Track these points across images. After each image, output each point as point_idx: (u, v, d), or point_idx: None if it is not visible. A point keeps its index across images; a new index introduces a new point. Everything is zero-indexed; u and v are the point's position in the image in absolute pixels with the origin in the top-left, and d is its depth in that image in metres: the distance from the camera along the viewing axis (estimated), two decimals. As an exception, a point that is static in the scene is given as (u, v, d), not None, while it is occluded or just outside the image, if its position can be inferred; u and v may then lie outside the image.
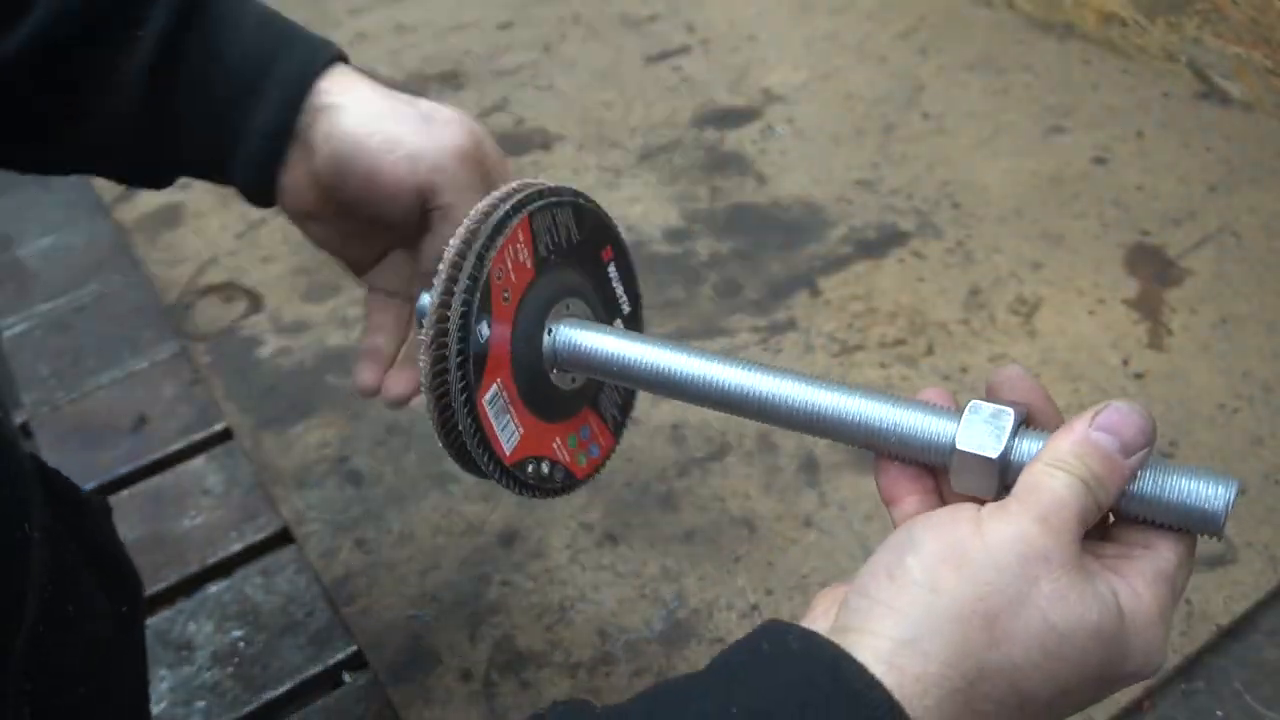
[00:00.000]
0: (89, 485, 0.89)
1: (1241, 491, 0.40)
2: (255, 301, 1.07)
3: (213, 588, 0.82)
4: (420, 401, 0.91)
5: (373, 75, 0.56)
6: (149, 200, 1.21)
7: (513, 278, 0.49)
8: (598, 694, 0.72)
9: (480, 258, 0.47)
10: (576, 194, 0.53)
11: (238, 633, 0.78)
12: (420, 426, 0.92)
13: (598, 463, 0.56)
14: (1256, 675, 0.70)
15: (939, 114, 1.24)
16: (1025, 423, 0.43)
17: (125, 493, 0.89)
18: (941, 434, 0.43)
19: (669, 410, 0.90)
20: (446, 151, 0.52)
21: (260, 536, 0.85)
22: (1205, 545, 0.77)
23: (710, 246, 1.08)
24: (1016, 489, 0.39)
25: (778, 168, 1.18)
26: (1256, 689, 0.70)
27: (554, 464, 0.53)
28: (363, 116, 0.52)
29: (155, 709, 0.74)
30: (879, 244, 1.06)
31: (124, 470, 0.91)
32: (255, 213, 1.18)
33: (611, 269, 0.56)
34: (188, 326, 1.04)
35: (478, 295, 0.47)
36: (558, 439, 0.53)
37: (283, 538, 0.85)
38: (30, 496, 0.45)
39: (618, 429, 0.58)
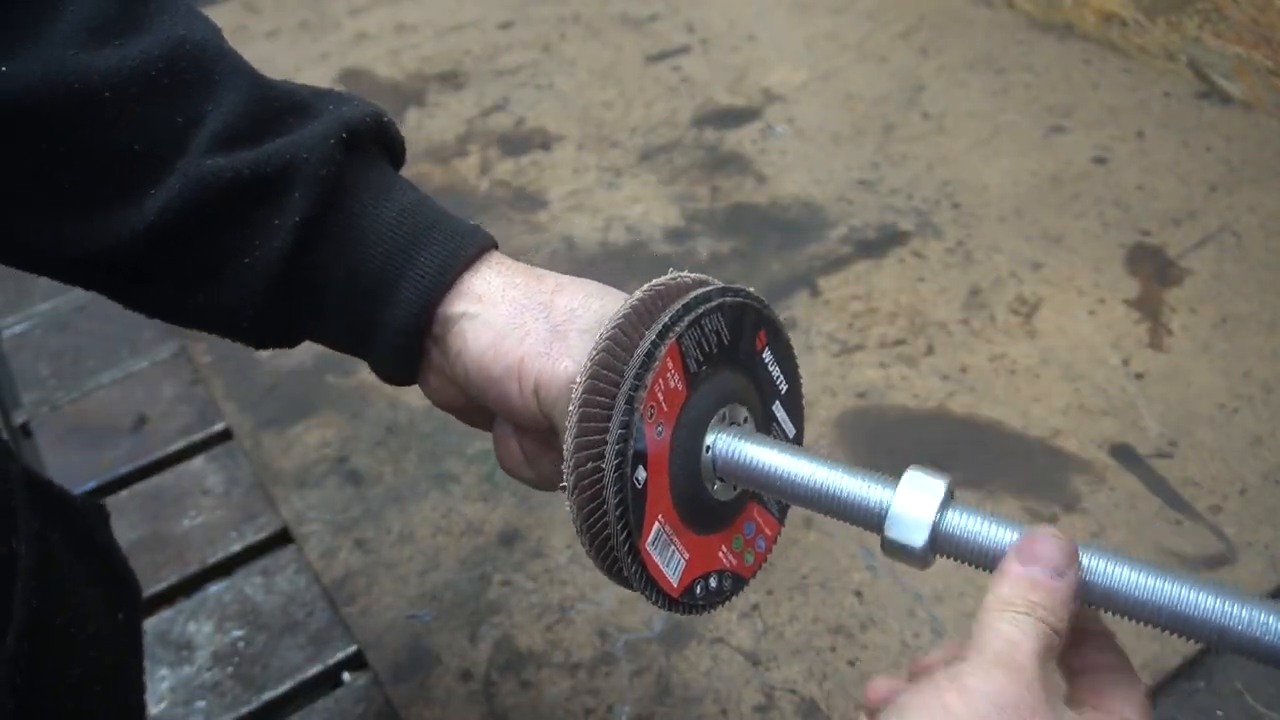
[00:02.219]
0: (89, 485, 0.89)
1: (1241, 492, 0.40)
2: (255, 301, 1.07)
3: (213, 588, 0.82)
4: (420, 402, 0.91)
5: (514, 264, 0.52)
6: (149, 200, 1.21)
7: (664, 408, 0.45)
8: (598, 694, 0.72)
9: (629, 402, 0.44)
10: (723, 292, 0.49)
11: (238, 633, 0.78)
12: (420, 426, 0.92)
13: (764, 556, 0.52)
14: (1257, 675, 0.70)
15: (939, 114, 1.24)
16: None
17: (125, 493, 0.89)
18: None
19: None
20: (569, 381, 0.48)
21: (260, 536, 0.85)
22: (1206, 545, 0.77)
23: (710, 246, 1.08)
24: (974, 639, 0.40)
25: (778, 167, 1.18)
26: (1257, 689, 0.70)
27: (721, 574, 0.50)
28: (489, 338, 0.49)
29: (155, 709, 0.74)
30: (879, 244, 1.06)
31: (124, 470, 0.91)
32: (255, 213, 1.18)
33: (766, 354, 0.52)
34: (188, 326, 1.04)
35: (631, 444, 0.43)
36: (723, 547, 0.50)
37: (283, 538, 0.85)
38: (16, 509, 0.45)
39: (783, 513, 0.54)
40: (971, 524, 0.43)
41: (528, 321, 0.49)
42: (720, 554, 0.49)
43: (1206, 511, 0.79)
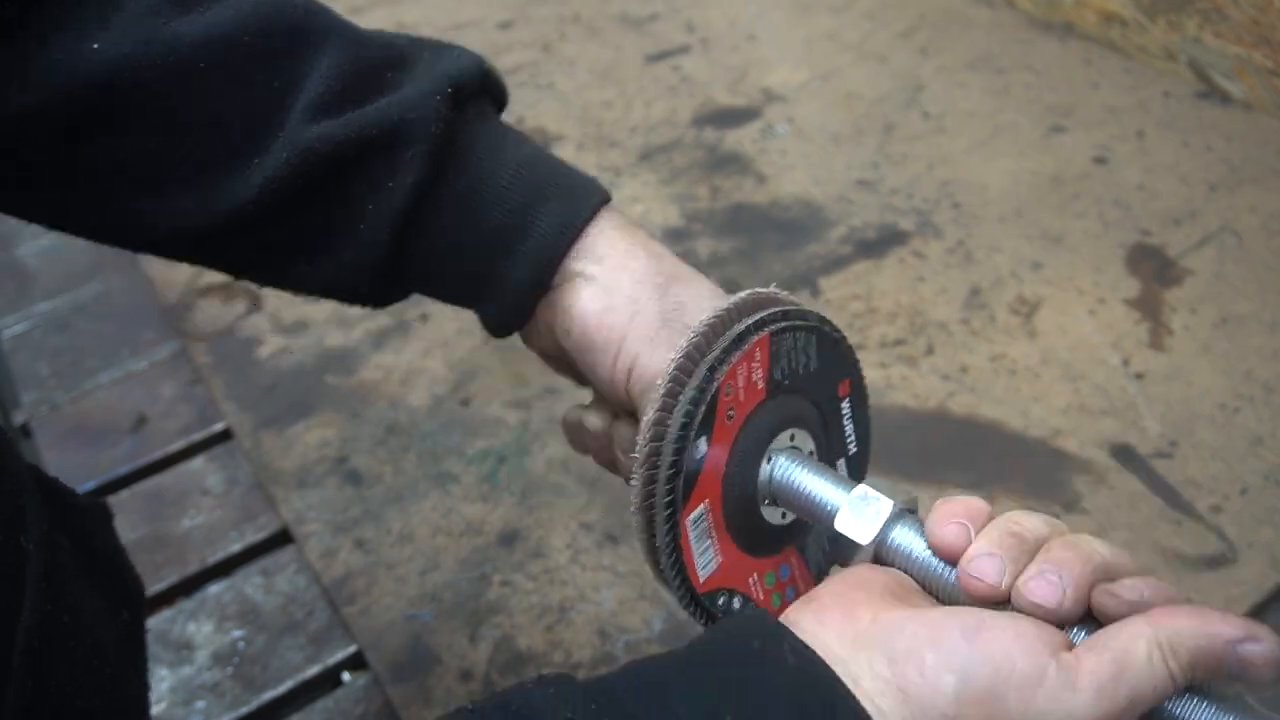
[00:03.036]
0: (89, 485, 0.89)
1: (1242, 492, 0.41)
2: (255, 301, 1.07)
3: (213, 588, 0.82)
4: (420, 402, 0.91)
5: (633, 228, 0.51)
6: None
7: (741, 396, 0.45)
8: (598, 694, 0.72)
9: (711, 370, 0.44)
10: (822, 320, 0.49)
11: (238, 633, 0.78)
12: (420, 426, 0.92)
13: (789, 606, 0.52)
14: (1257, 675, 0.70)
15: (939, 114, 1.24)
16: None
17: (125, 493, 0.89)
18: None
19: (669, 410, 0.90)
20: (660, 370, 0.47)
21: (260, 536, 0.85)
22: (1206, 545, 0.77)
23: (710, 246, 1.08)
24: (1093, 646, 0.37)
25: (778, 167, 1.18)
26: (1257, 689, 0.70)
27: (746, 600, 0.49)
28: (600, 305, 0.48)
29: (155, 709, 0.73)
30: (879, 244, 1.06)
31: (124, 470, 0.91)
32: (255, 212, 1.18)
33: (845, 405, 0.51)
34: (187, 326, 1.04)
35: (701, 409, 0.44)
36: (755, 574, 0.49)
37: (283, 538, 0.85)
38: (26, 507, 0.45)
39: (820, 574, 0.53)
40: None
41: (641, 300, 0.48)
42: (751, 580, 0.49)
43: (1207, 511, 0.79)
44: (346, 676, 0.76)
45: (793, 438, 0.48)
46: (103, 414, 0.97)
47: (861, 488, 0.44)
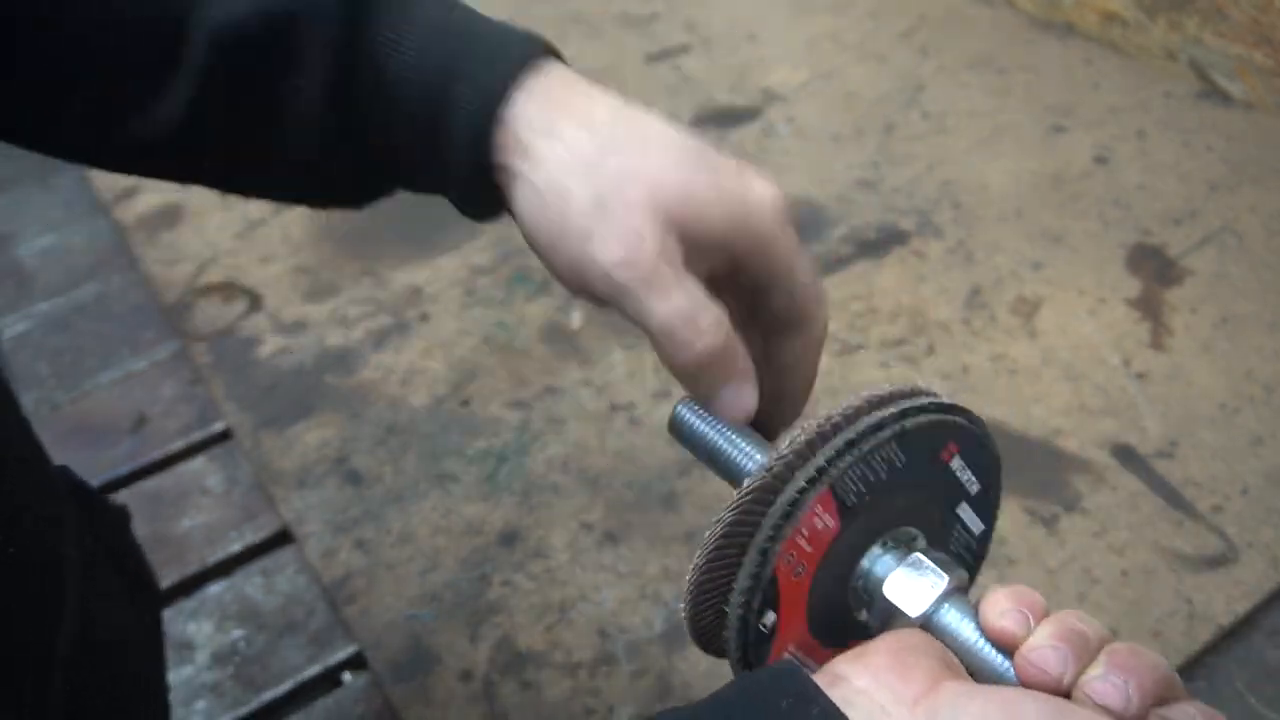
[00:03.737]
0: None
1: (1242, 492, 0.40)
2: (255, 301, 1.07)
3: (213, 588, 0.82)
4: (420, 402, 0.91)
5: (558, 94, 0.44)
6: (149, 200, 1.21)
7: (807, 549, 0.40)
8: (598, 694, 0.72)
9: (764, 553, 0.39)
10: (903, 415, 0.41)
11: (238, 633, 0.78)
12: (420, 426, 0.92)
13: None
14: (1258, 675, 0.70)
15: (939, 113, 1.23)
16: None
17: (125, 493, 0.89)
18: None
19: (669, 410, 0.90)
20: (614, 263, 0.41)
21: (260, 536, 0.85)
22: (1207, 545, 0.77)
23: (710, 246, 1.08)
24: None
25: (778, 167, 1.18)
26: (1258, 689, 0.70)
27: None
28: (533, 201, 0.43)
29: (155, 709, 0.74)
30: (879, 243, 1.06)
31: (124, 470, 0.91)
32: (255, 213, 1.18)
33: (955, 462, 0.45)
34: (187, 326, 1.04)
35: (759, 595, 0.39)
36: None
37: (283, 538, 0.85)
38: (64, 513, 0.44)
39: None
40: None
41: (573, 179, 0.42)
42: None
43: (1207, 511, 0.79)
44: (346, 676, 0.76)
45: (885, 543, 0.42)
46: (103, 414, 0.97)
47: (916, 556, 0.41)
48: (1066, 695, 0.36)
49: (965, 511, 0.48)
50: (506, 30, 0.46)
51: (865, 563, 0.42)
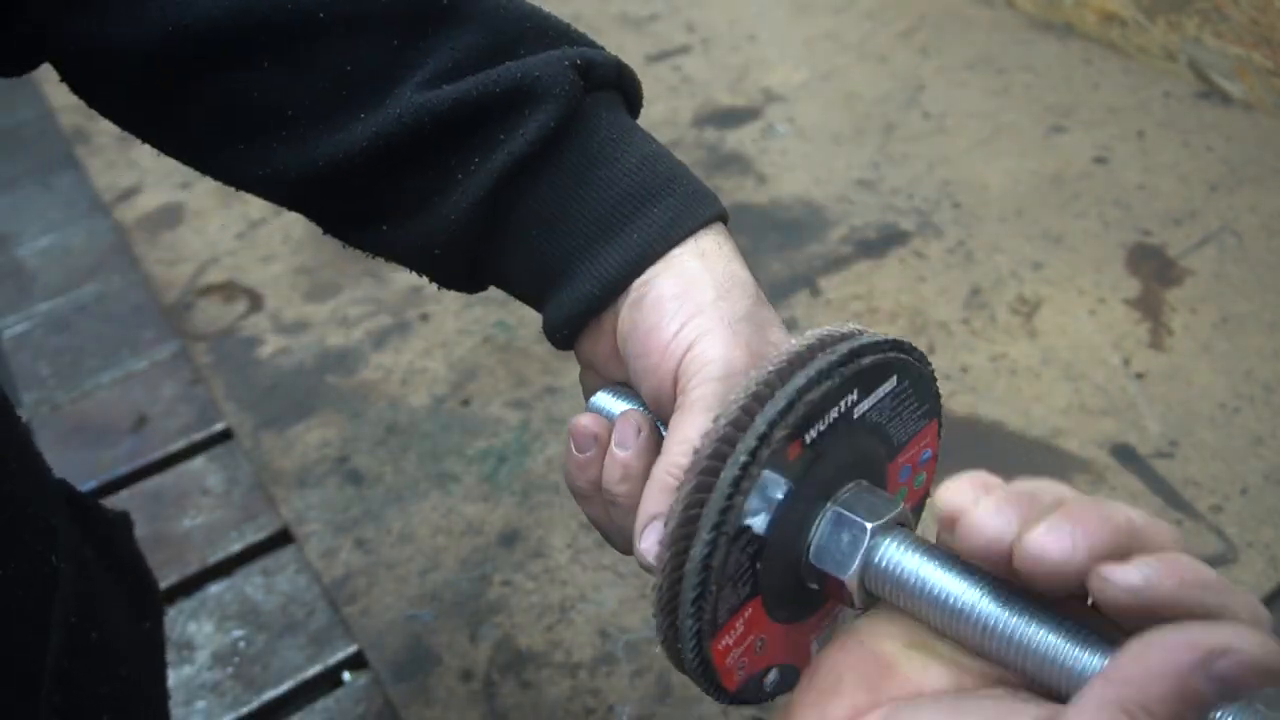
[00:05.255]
0: (89, 485, 0.89)
1: (1242, 491, 0.38)
2: (255, 301, 1.07)
3: (213, 588, 0.82)
4: (420, 402, 0.90)
5: (723, 252, 0.46)
6: (149, 200, 1.21)
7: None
8: (599, 694, 0.72)
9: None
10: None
11: (238, 633, 0.78)
12: (420, 426, 0.92)
13: None
14: (1257, 675, 0.70)
15: (939, 114, 1.24)
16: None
17: (125, 493, 0.89)
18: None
19: (669, 410, 0.90)
20: (716, 364, 0.43)
21: (260, 536, 0.85)
22: (1206, 545, 0.77)
23: (710, 246, 1.08)
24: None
25: (778, 167, 1.18)
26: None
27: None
28: (675, 288, 0.45)
29: (155, 709, 0.74)
30: (879, 244, 1.06)
31: (124, 470, 0.91)
32: (255, 212, 1.18)
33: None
34: (188, 326, 1.04)
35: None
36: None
37: (283, 538, 0.85)
38: (58, 525, 0.44)
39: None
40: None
41: (720, 305, 0.44)
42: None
43: (1207, 511, 0.79)
44: (347, 676, 0.76)
45: (826, 511, 0.40)
46: (103, 414, 0.97)
47: (835, 510, 0.39)
48: (1009, 559, 0.32)
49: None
50: (702, 184, 0.47)
51: (812, 532, 0.40)
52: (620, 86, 0.48)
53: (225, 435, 0.94)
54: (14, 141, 1.36)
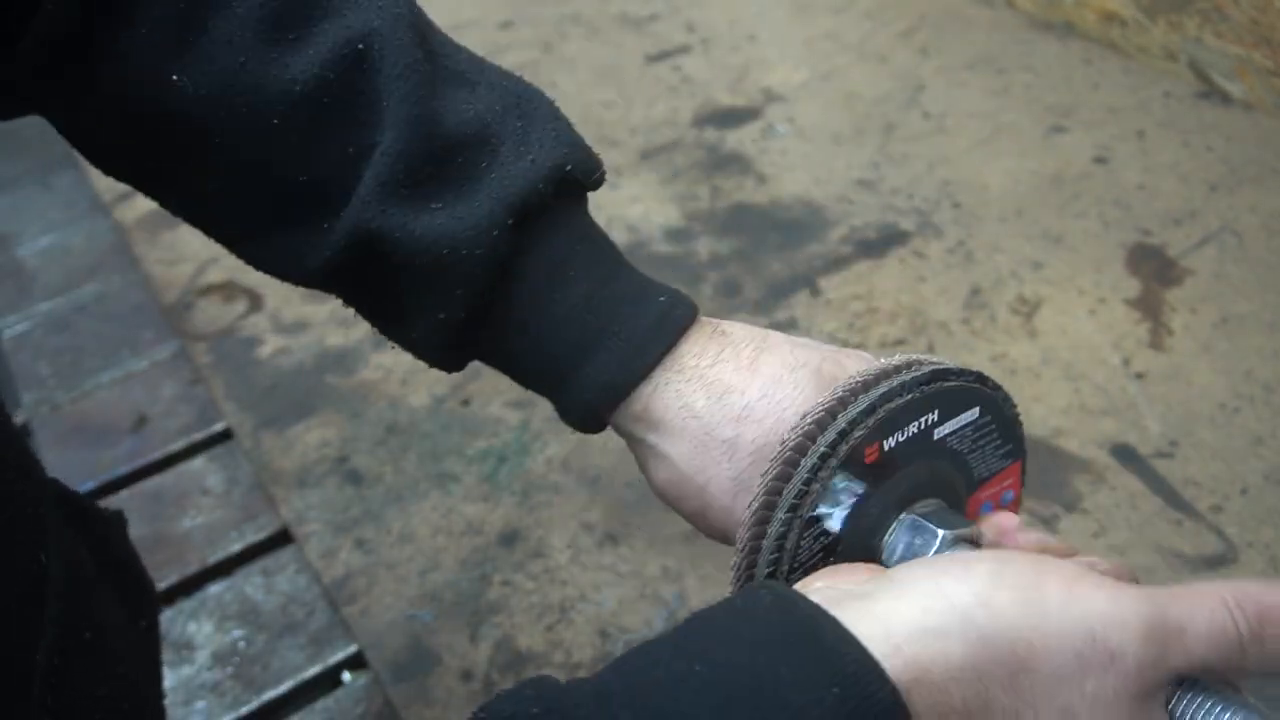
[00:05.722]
0: (89, 485, 0.89)
1: (1242, 491, 0.39)
2: (255, 301, 1.07)
3: (213, 588, 0.82)
4: (420, 402, 0.91)
5: (696, 370, 0.45)
6: (149, 200, 1.21)
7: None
8: (598, 694, 0.72)
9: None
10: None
11: (238, 633, 0.78)
12: (420, 426, 0.92)
13: None
14: (1258, 675, 0.70)
15: (939, 114, 1.24)
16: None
17: (125, 493, 0.89)
18: None
19: (669, 410, 0.90)
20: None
21: (260, 536, 0.85)
22: (1206, 545, 0.77)
23: (710, 246, 1.08)
24: (1163, 591, 0.34)
25: (778, 167, 1.18)
26: (1258, 689, 0.70)
27: None
28: (668, 475, 0.46)
29: (155, 709, 0.73)
30: (879, 244, 1.06)
31: (124, 470, 0.91)
32: (255, 212, 1.18)
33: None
34: (188, 326, 1.04)
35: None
36: None
37: (283, 538, 0.85)
38: (46, 525, 0.44)
39: None
40: None
41: (709, 467, 0.44)
42: None
43: (1207, 511, 0.79)
44: (347, 676, 0.76)
45: (901, 519, 0.43)
46: (103, 414, 0.97)
47: (909, 518, 0.42)
48: None
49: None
50: (651, 303, 0.47)
51: (886, 539, 0.43)
52: (565, 190, 0.47)
53: (225, 435, 0.94)
54: (14, 141, 1.36)
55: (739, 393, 0.44)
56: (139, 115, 0.44)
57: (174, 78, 0.43)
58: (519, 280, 0.46)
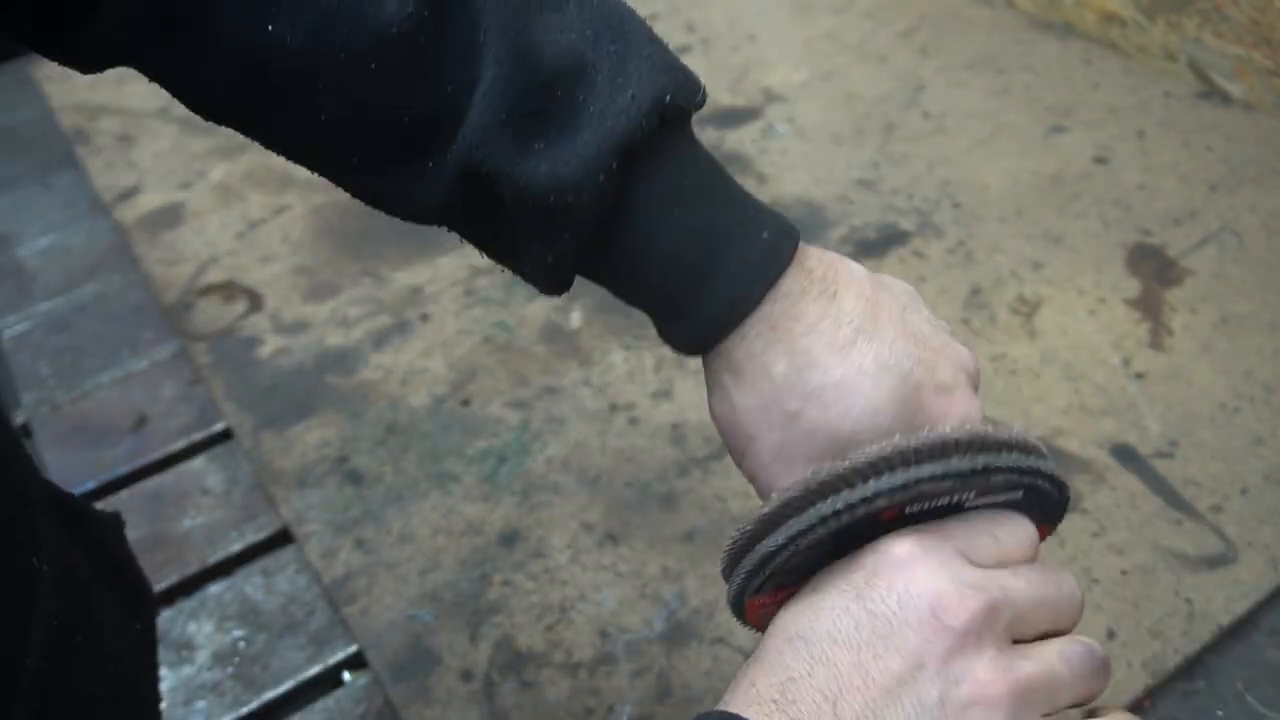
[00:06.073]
0: (89, 485, 0.89)
1: (1242, 491, 0.40)
2: (255, 301, 1.07)
3: (213, 588, 0.82)
4: (420, 402, 0.91)
5: (787, 324, 0.45)
6: (149, 200, 1.21)
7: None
8: (598, 694, 0.72)
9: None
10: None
11: (238, 633, 0.78)
12: (420, 426, 0.92)
13: None
14: (1257, 675, 0.70)
15: (939, 114, 1.24)
16: None
17: (125, 493, 0.89)
18: None
19: (669, 410, 0.90)
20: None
21: (260, 536, 0.85)
22: (1206, 545, 0.77)
23: (710, 246, 1.08)
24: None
25: (778, 167, 1.18)
26: (1257, 689, 0.70)
27: None
28: (727, 419, 0.47)
29: (155, 709, 0.74)
30: (879, 244, 1.06)
31: (124, 470, 0.91)
32: (255, 212, 1.18)
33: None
34: (188, 326, 1.04)
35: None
36: None
37: (283, 538, 0.85)
38: (38, 527, 0.44)
39: None
40: None
41: (763, 425, 0.45)
42: None
43: (1207, 511, 0.79)
44: (347, 676, 0.76)
45: None
46: (103, 414, 0.97)
47: None
48: None
49: None
50: (758, 238, 0.47)
51: None
52: (668, 118, 0.46)
53: (225, 435, 0.94)
54: (14, 141, 1.36)
55: (821, 370, 0.44)
56: (236, 67, 0.44)
57: (269, 27, 0.42)
58: (627, 216, 0.45)
